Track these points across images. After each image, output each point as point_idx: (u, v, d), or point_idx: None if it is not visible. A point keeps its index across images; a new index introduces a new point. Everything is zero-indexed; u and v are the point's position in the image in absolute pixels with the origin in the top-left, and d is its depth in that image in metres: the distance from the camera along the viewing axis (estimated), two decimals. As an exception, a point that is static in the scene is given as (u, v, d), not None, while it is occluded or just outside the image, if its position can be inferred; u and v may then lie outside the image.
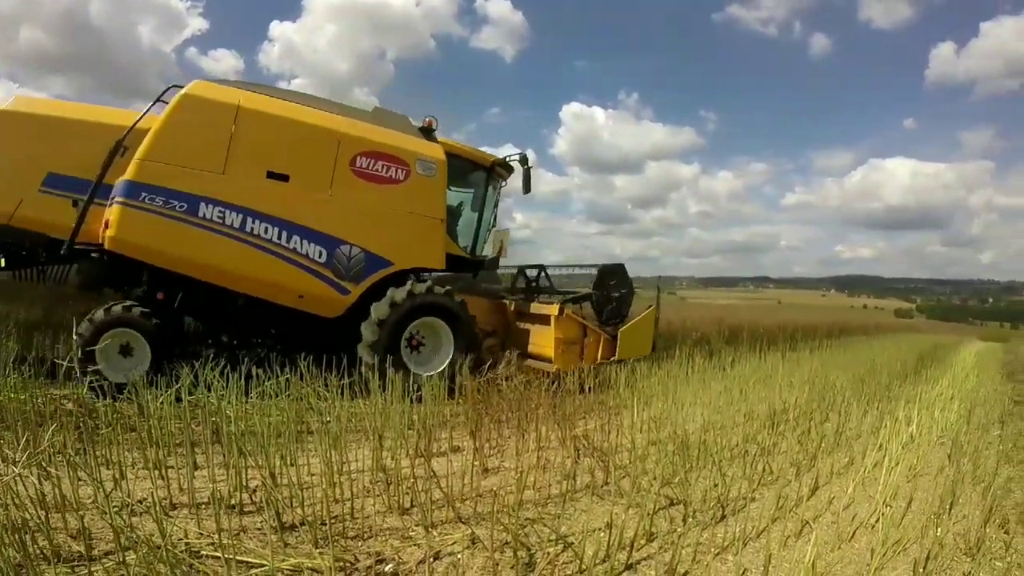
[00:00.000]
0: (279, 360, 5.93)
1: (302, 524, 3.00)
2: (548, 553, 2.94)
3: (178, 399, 4.60)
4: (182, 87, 6.27)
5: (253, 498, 3.34)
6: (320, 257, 6.45)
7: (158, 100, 6.41)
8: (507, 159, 8.29)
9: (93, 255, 6.29)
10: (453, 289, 7.21)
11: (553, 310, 7.60)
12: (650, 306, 8.52)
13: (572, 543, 3.01)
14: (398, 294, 6.69)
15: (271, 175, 6.32)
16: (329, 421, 4.51)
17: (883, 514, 3.57)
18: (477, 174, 8.17)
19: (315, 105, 6.84)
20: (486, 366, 6.24)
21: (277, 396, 5.08)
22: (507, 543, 2.97)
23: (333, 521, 3.07)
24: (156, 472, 3.49)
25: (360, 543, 2.97)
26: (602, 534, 3.07)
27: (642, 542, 3.14)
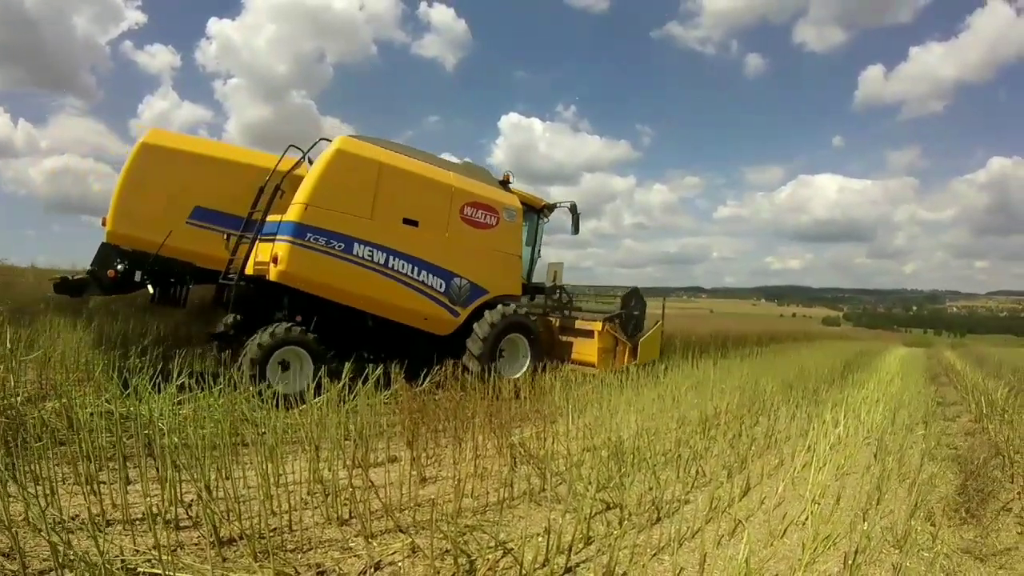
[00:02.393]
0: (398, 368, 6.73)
1: (240, 538, 2.95)
2: (488, 559, 2.97)
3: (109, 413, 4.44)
4: (330, 140, 7.33)
5: (189, 512, 3.27)
6: (440, 287, 7.83)
7: (307, 152, 7.60)
8: (558, 205, 10.09)
9: (241, 283, 7.00)
10: (530, 311, 9.09)
11: (597, 326, 9.58)
12: (657, 322, 10.59)
13: (512, 549, 3.06)
14: (496, 316, 8.20)
15: (406, 221, 7.54)
16: (264, 432, 4.43)
17: (812, 511, 3.71)
18: (531, 215, 9.67)
19: (429, 160, 8.13)
20: (423, 375, 6.92)
21: (210, 408, 4.97)
22: (447, 551, 2.99)
23: (272, 534, 3.04)
24: (88, 487, 3.37)
25: (300, 556, 2.94)
26: (541, 539, 3.14)
27: (580, 546, 3.20)
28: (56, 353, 6.01)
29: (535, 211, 9.79)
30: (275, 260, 6.70)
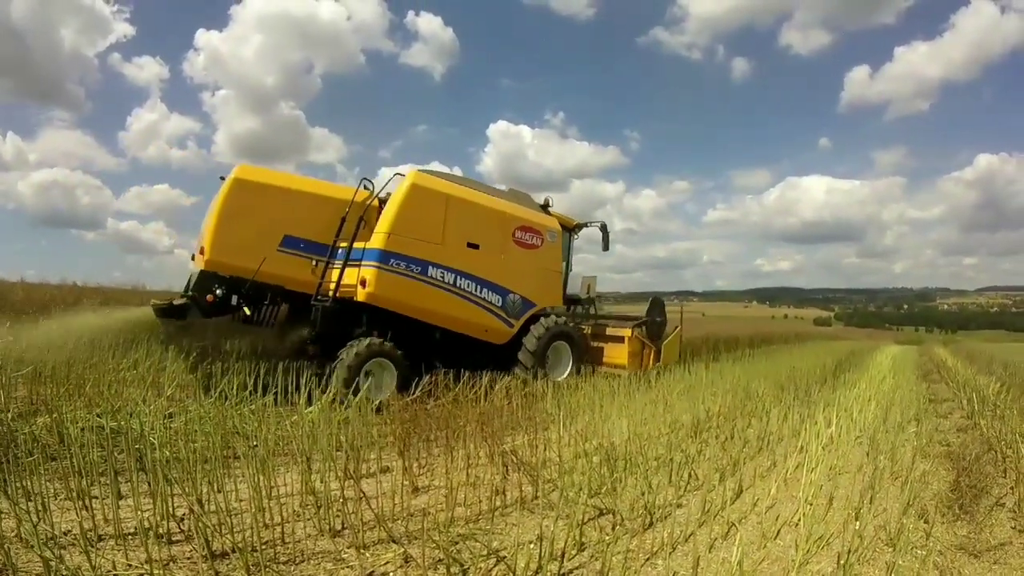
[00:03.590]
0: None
1: (233, 551, 2.93)
2: (481, 568, 2.97)
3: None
4: (403, 175, 8.22)
5: (181, 526, 3.25)
6: (498, 302, 8.82)
7: (385, 186, 8.42)
8: (589, 224, 11.10)
9: (327, 304, 7.67)
10: (569, 321, 9.87)
11: (627, 333, 10.57)
12: (676, 327, 11.81)
13: (504, 557, 3.06)
14: (543, 327, 9.19)
15: (469, 244, 8.50)
16: (256, 445, 4.43)
17: (805, 512, 3.73)
18: (564, 234, 10.48)
19: (484, 190, 9.25)
20: (414, 385, 7.19)
21: (201, 420, 4.95)
22: (440, 560, 3.00)
23: (264, 547, 3.03)
24: (80, 502, 3.36)
25: (293, 568, 2.93)
26: (533, 547, 3.15)
27: (573, 552, 3.20)
28: (47, 368, 5.98)
29: (568, 230, 10.73)
30: (363, 283, 7.58)
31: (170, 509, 3.20)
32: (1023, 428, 6.18)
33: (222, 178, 8.01)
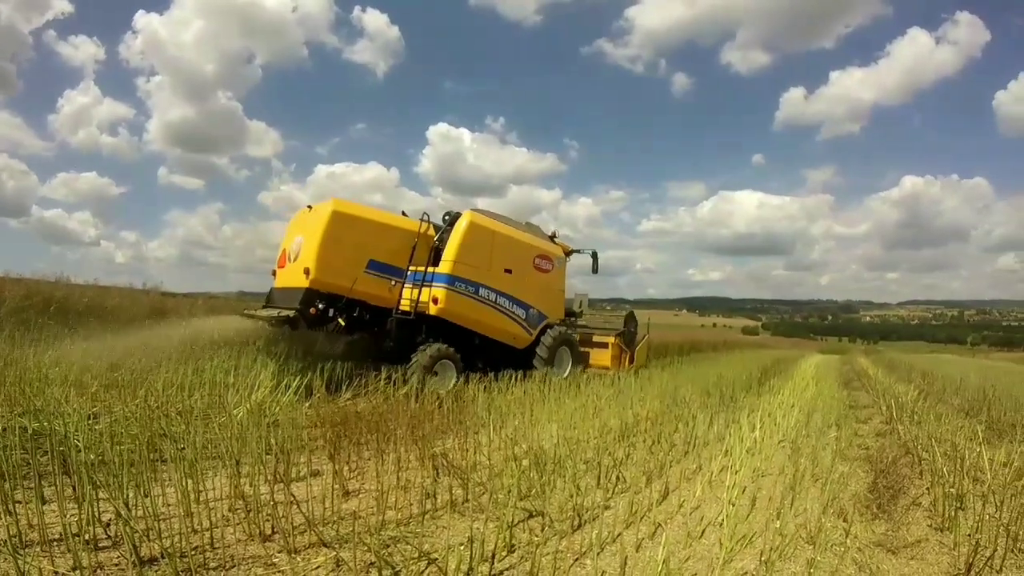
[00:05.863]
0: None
1: (162, 557, 2.87)
2: (413, 570, 2.99)
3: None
4: (460, 213, 10.22)
5: (108, 532, 3.17)
6: (523, 316, 10.73)
7: (448, 224, 10.24)
8: (581, 251, 12.93)
9: (408, 317, 9.30)
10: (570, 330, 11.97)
11: (611, 340, 12.85)
12: (645, 335, 14.47)
13: (436, 559, 3.09)
14: (552, 336, 11.11)
15: (506, 270, 10.44)
16: (184, 448, 4.34)
17: (729, 512, 3.85)
18: (565, 259, 12.48)
19: (515, 225, 11.11)
20: (344, 386, 7.97)
21: (127, 422, 4.82)
22: (372, 563, 3.01)
23: (193, 553, 2.99)
24: (3, 507, 3.23)
25: (223, 574, 2.90)
26: (464, 549, 3.19)
27: (503, 554, 3.26)
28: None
29: (566, 254, 12.57)
30: (435, 300, 9.39)
31: (96, 514, 3.12)
32: (939, 432, 6.50)
33: (309, 207, 9.65)
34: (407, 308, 9.35)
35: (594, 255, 13.04)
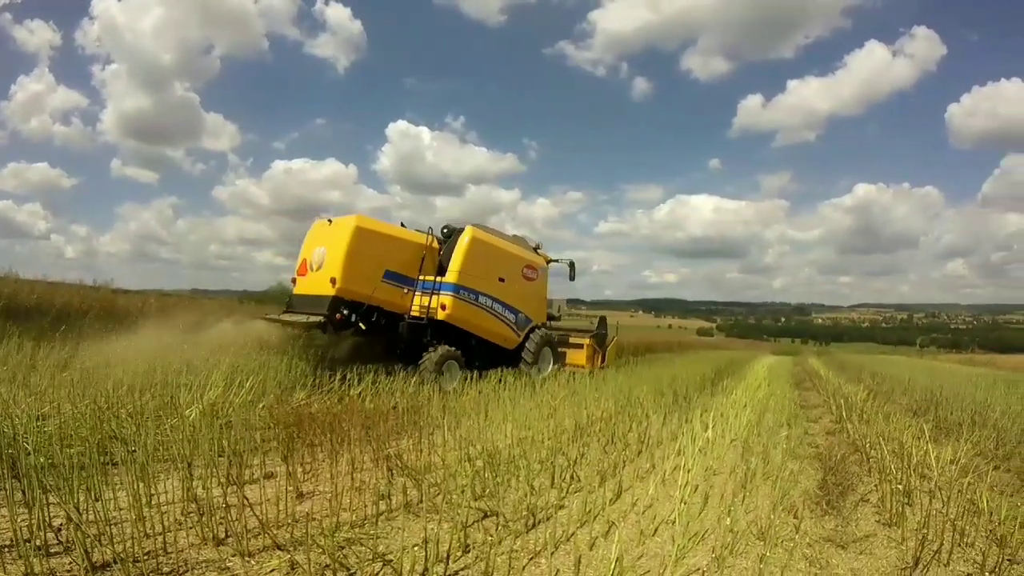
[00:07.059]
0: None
1: (114, 562, 2.85)
2: (368, 572, 3.01)
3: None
4: (462, 228, 11.12)
5: (59, 537, 3.11)
6: (513, 320, 11.79)
7: (447, 237, 11.26)
8: (558, 260, 13.95)
9: (420, 322, 10.31)
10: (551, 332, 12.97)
11: (586, 341, 13.81)
12: (614, 336, 15.67)
13: (391, 560, 3.11)
14: (537, 337, 12.19)
15: (500, 279, 11.49)
16: (135, 450, 4.26)
17: (681, 510, 3.94)
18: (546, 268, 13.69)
19: (506, 238, 12.20)
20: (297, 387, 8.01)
21: (76, 424, 4.73)
22: (327, 566, 3.01)
23: (146, 557, 2.95)
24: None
25: (175, 578, 2.87)
26: (419, 549, 3.21)
27: (458, 554, 3.28)
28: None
29: (547, 263, 13.65)
30: (443, 307, 10.37)
31: (47, 519, 3.07)
32: (887, 431, 6.69)
33: (329, 220, 10.32)
34: (418, 313, 10.36)
35: (571, 265, 14.27)
